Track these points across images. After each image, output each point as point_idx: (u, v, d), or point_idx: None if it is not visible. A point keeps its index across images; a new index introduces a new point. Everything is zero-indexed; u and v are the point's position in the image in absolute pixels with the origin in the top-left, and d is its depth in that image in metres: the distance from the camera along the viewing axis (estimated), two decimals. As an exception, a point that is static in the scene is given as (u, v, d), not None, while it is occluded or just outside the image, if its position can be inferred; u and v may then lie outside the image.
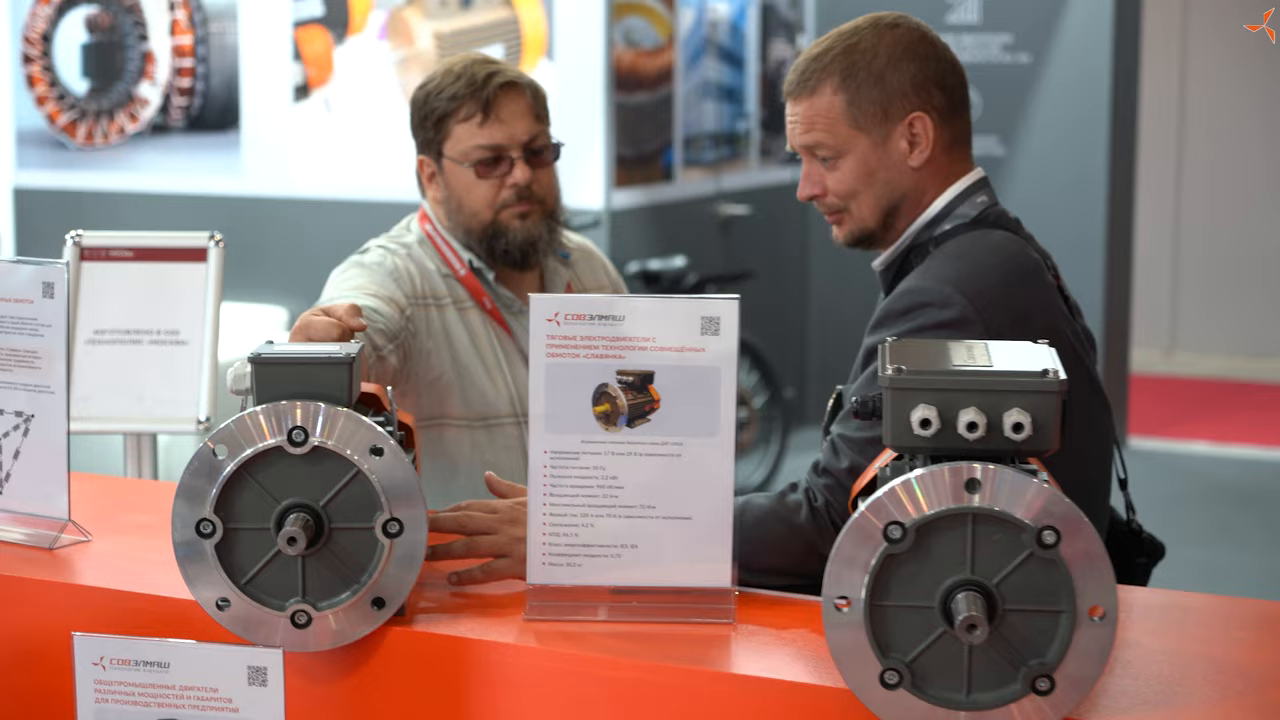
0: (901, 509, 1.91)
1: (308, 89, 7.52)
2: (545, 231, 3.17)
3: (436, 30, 7.33)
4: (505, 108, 3.13)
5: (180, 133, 7.73)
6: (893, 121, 2.59)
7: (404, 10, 7.36)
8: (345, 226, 7.39)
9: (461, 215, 3.15)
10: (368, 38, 7.43)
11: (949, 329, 2.37)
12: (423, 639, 2.20)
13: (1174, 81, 10.97)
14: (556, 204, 3.20)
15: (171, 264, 3.27)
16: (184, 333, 3.25)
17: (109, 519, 2.67)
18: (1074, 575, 1.90)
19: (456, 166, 3.14)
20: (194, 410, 3.22)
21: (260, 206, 7.52)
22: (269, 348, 2.23)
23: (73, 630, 2.31)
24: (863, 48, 2.60)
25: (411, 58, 7.37)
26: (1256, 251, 10.93)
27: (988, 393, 1.96)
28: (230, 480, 2.15)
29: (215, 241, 3.28)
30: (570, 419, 2.22)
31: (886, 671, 1.92)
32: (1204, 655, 2.13)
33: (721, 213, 8.24)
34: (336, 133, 7.49)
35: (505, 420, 3.12)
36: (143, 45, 7.73)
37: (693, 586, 2.25)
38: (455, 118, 3.13)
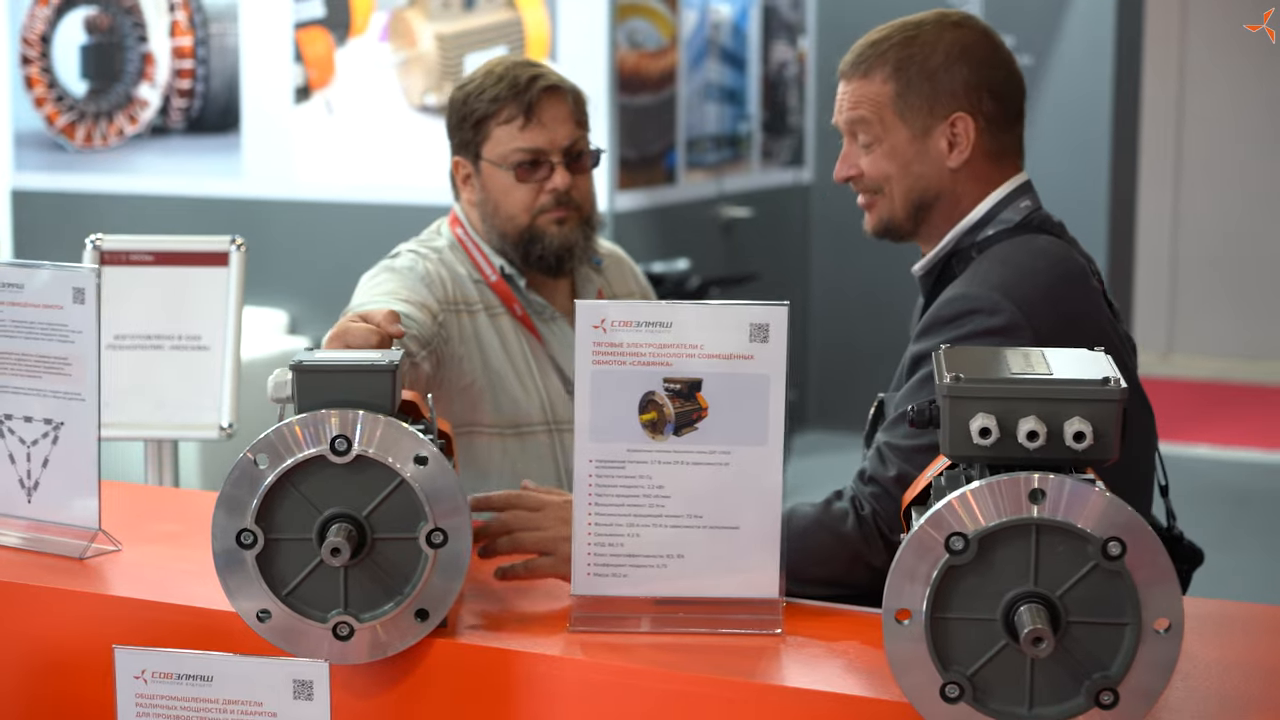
0: (963, 520, 1.88)
1: (309, 91, 7.47)
2: (581, 238, 3.14)
3: (439, 32, 7.28)
4: (547, 111, 3.09)
5: (180, 134, 7.68)
6: (937, 119, 2.57)
7: (406, 12, 7.31)
8: (347, 229, 7.36)
9: (498, 219, 3.12)
10: (369, 39, 7.38)
11: (998, 336, 2.34)
12: (467, 651, 2.16)
13: (1172, 83, 10.96)
14: (593, 210, 3.17)
15: (192, 268, 3.24)
16: (205, 338, 3.21)
17: (136, 527, 2.63)
18: (1139, 587, 1.86)
19: (495, 169, 3.11)
20: (216, 416, 3.19)
21: (261, 209, 7.47)
22: (310, 355, 2.19)
23: (106, 642, 2.27)
24: (921, 41, 2.58)
25: (413, 59, 7.33)
26: (1254, 254, 10.92)
27: (1048, 401, 1.93)
28: (271, 490, 2.12)
29: (237, 246, 3.24)
30: (616, 427, 2.19)
31: (948, 685, 1.89)
32: (1261, 666, 2.10)
33: (723, 215, 8.21)
34: (338, 135, 7.44)
35: (537, 428, 3.08)
36: (142, 46, 7.68)
37: (740, 597, 2.22)
38: (496, 120, 3.09)
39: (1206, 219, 10.96)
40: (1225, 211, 10.94)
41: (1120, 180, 8.38)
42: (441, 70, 7.29)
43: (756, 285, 7.90)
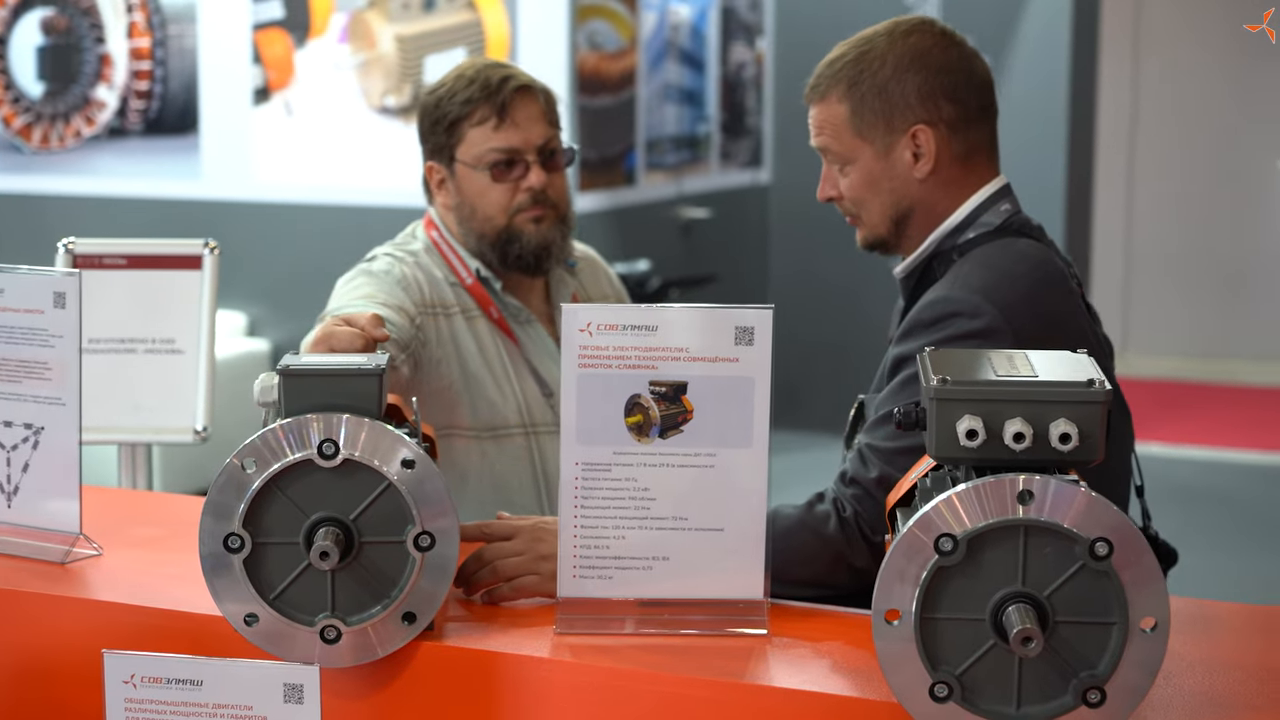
0: (952, 521, 1.89)
1: (268, 92, 7.45)
2: (558, 237, 3.15)
3: (398, 33, 7.28)
4: (520, 111, 3.11)
5: (138, 136, 7.66)
6: (896, 133, 2.58)
7: (365, 13, 7.31)
8: (306, 231, 7.34)
9: (474, 221, 3.13)
10: (329, 41, 7.37)
11: (979, 338, 2.36)
12: (455, 653, 2.17)
13: (1126, 84, 11.03)
14: (569, 209, 3.19)
15: (166, 271, 3.23)
16: (179, 341, 3.21)
17: (116, 532, 2.63)
18: (1126, 587, 1.89)
19: (470, 171, 3.11)
20: (191, 420, 3.18)
21: (220, 210, 7.45)
22: (296, 359, 2.20)
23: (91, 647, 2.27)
24: (871, 56, 2.59)
25: (373, 61, 7.32)
26: (1207, 253, 11.00)
27: (1034, 403, 1.95)
28: (258, 494, 2.12)
29: (210, 249, 3.24)
30: (602, 430, 2.20)
31: (936, 684, 1.91)
32: (1243, 665, 2.13)
33: (683, 216, 8.23)
34: (297, 136, 7.43)
35: (514, 431, 3.09)
36: (99, 48, 7.65)
37: (725, 599, 2.23)
38: (469, 121, 3.11)
39: (1159, 218, 11.03)
40: (1177, 211, 11.01)
41: (1076, 179, 8.43)
42: (401, 72, 7.29)
43: (716, 286, 7.92)
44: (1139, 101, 11.07)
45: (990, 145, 2.62)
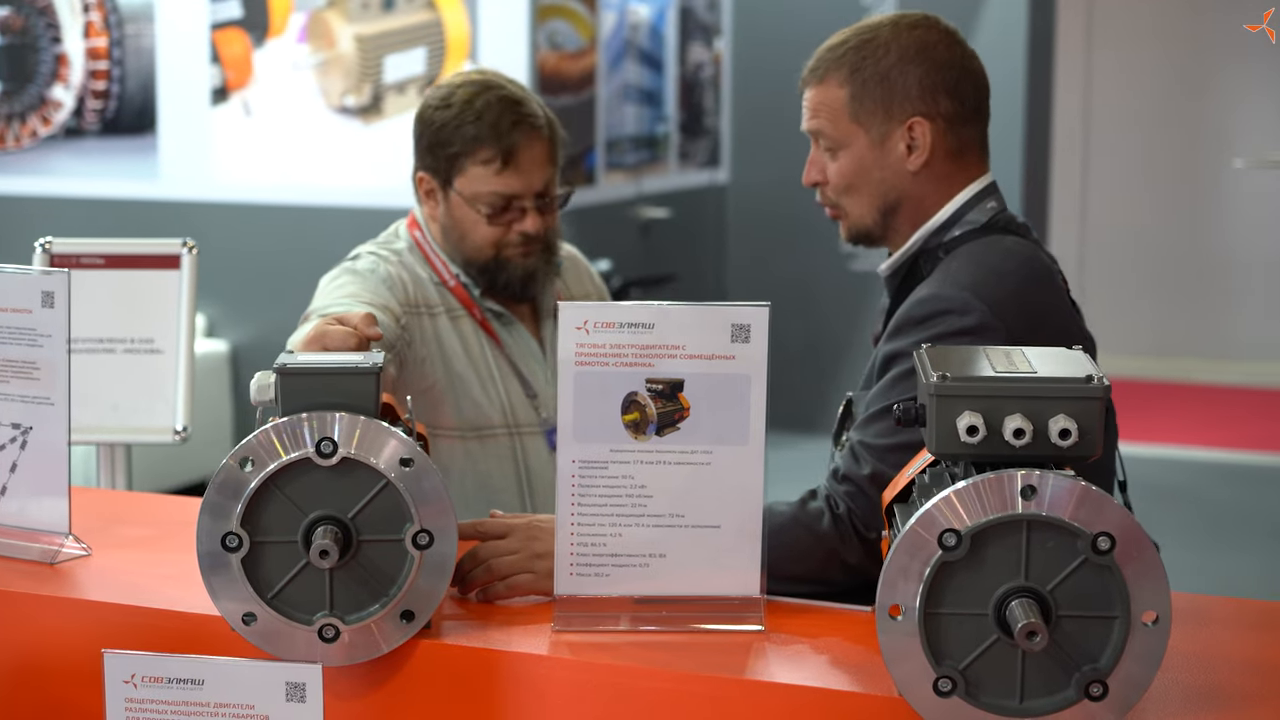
0: (956, 516, 1.90)
1: (226, 92, 7.42)
2: (543, 264, 3.14)
3: (358, 33, 7.26)
4: (525, 155, 3.08)
5: (95, 136, 7.61)
6: (894, 123, 2.59)
7: (324, 12, 7.29)
8: (265, 231, 7.32)
9: (463, 245, 3.11)
10: (287, 40, 7.35)
11: (969, 335, 2.38)
12: (453, 651, 2.17)
13: (1079, 84, 11.09)
14: (556, 240, 3.18)
15: (144, 271, 3.22)
16: (159, 341, 3.19)
17: (103, 532, 2.62)
18: (1128, 581, 1.90)
19: (465, 203, 3.09)
20: (171, 420, 3.17)
21: (178, 210, 7.41)
22: (293, 358, 2.19)
23: (84, 647, 2.27)
24: (876, 44, 2.60)
25: (332, 60, 7.30)
26: (1164, 253, 11.06)
27: (1033, 399, 1.96)
28: (256, 493, 2.12)
29: (189, 248, 3.23)
30: (599, 428, 2.20)
31: (940, 679, 1.92)
32: (1232, 658, 2.15)
33: (642, 216, 8.24)
34: (256, 136, 7.40)
35: (498, 430, 3.09)
36: (56, 47, 7.61)
37: (722, 595, 2.24)
38: (472, 158, 3.07)
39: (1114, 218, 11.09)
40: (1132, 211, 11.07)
41: (1032, 179, 8.48)
42: (361, 71, 7.27)
43: (676, 286, 7.93)
44: (1094, 101, 11.13)
45: (982, 146, 2.64)
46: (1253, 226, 10.89)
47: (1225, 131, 10.82)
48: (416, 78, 7.22)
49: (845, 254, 8.80)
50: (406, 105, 7.24)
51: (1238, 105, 10.85)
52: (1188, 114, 10.96)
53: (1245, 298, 11.01)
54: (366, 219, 7.24)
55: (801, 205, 9.09)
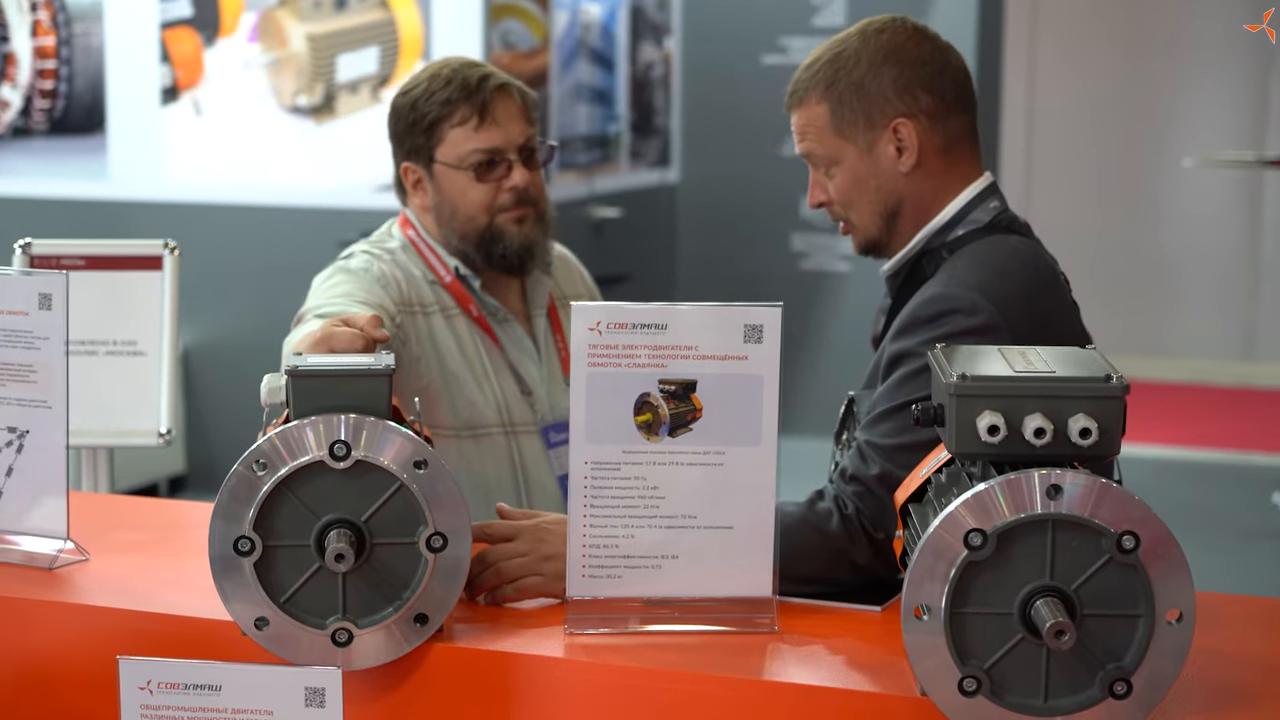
0: (981, 516, 1.91)
1: (176, 91, 7.37)
2: (540, 236, 3.14)
3: (310, 32, 7.22)
4: (501, 110, 3.10)
5: (43, 136, 7.54)
6: (877, 129, 2.59)
7: (276, 12, 7.24)
8: (217, 231, 7.26)
9: (456, 221, 3.10)
10: (238, 39, 7.30)
11: (977, 335, 2.38)
12: (467, 654, 2.16)
13: (1025, 83, 11.14)
14: (547, 207, 3.18)
15: (126, 272, 3.19)
16: (141, 343, 3.17)
17: (99, 536, 2.59)
18: (1152, 579, 1.91)
19: (451, 171, 3.09)
20: (155, 422, 3.14)
21: (128, 211, 7.35)
22: (304, 360, 2.18)
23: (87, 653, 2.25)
24: (845, 56, 2.60)
25: (284, 60, 7.26)
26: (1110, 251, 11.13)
27: (1054, 398, 1.97)
28: (269, 496, 2.10)
29: (170, 249, 3.20)
30: (611, 429, 2.19)
31: (965, 679, 1.92)
32: (1249, 655, 2.16)
33: (594, 215, 8.22)
34: (207, 136, 7.35)
35: (494, 430, 3.07)
36: (3, 46, 7.53)
37: (734, 596, 2.23)
38: (449, 121, 3.08)
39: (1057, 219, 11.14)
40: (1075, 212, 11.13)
41: (981, 179, 8.49)
42: (313, 71, 7.23)
43: (628, 286, 7.93)
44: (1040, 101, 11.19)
45: (971, 137, 2.64)
46: (1201, 225, 10.97)
47: (1174, 130, 10.89)
48: (369, 77, 7.19)
49: (795, 253, 8.81)
50: (359, 105, 7.21)
51: (1187, 104, 10.93)
52: (1136, 113, 11.03)
53: (1194, 296, 11.10)
54: (319, 219, 7.22)
55: (751, 204, 9.16)
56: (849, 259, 8.78)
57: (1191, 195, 10.96)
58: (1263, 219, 10.94)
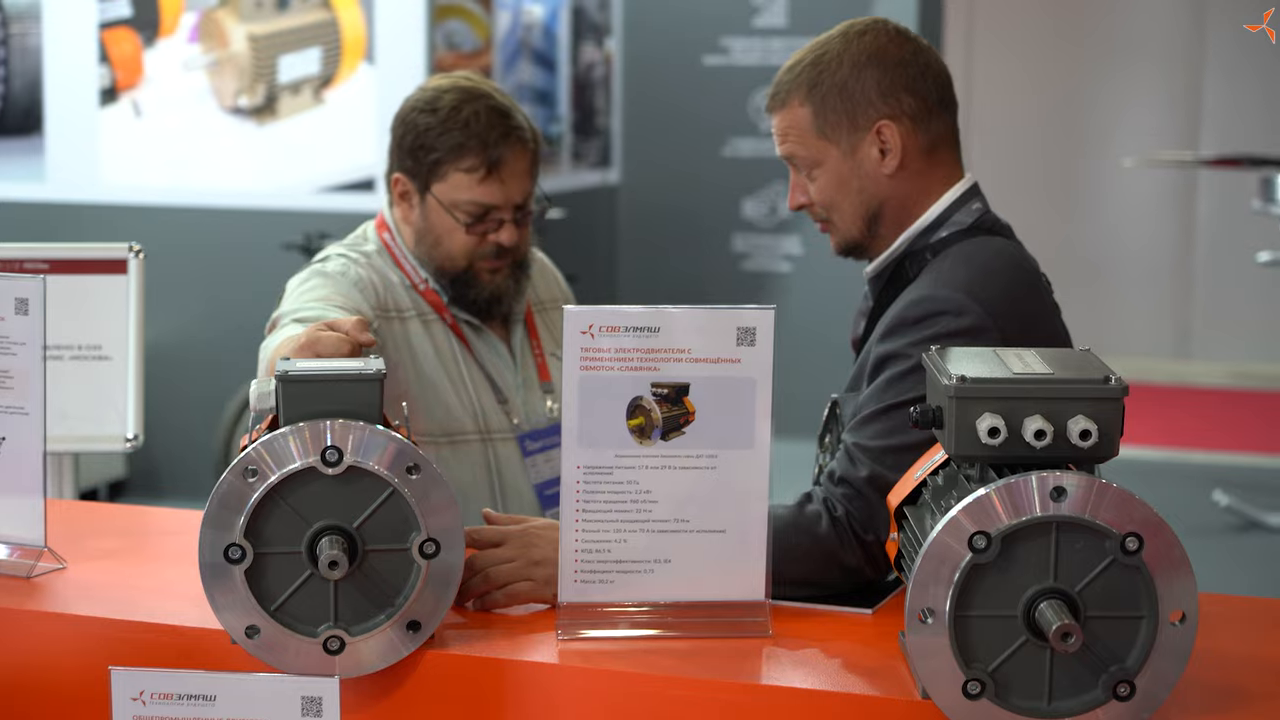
0: (985, 519, 1.90)
1: (115, 92, 7.30)
2: (512, 284, 3.11)
3: (251, 32, 7.17)
4: (508, 167, 3.04)
5: (-21, 137, 7.47)
6: (861, 131, 2.59)
7: (216, 12, 7.19)
8: (157, 233, 7.19)
9: (435, 251, 3.06)
10: (178, 40, 7.24)
11: (965, 336, 2.37)
12: (460, 661, 2.14)
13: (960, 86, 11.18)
14: (527, 256, 3.15)
15: (90, 276, 3.14)
16: (106, 347, 3.12)
17: (73, 544, 2.55)
18: (1156, 580, 1.91)
19: (442, 210, 3.04)
20: (121, 428, 3.10)
21: (66, 213, 7.28)
22: (294, 365, 2.15)
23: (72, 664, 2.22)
24: (828, 58, 2.60)
25: (225, 60, 7.20)
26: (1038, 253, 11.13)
27: (1054, 400, 1.96)
28: (259, 503, 2.07)
29: (135, 253, 3.16)
30: (604, 433, 2.18)
31: (969, 681, 1.92)
32: (1256, 657, 2.16)
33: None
34: (147, 137, 7.29)
35: (470, 436, 3.05)
36: (-62, 47, 7.45)
37: (727, 601, 2.22)
38: (455, 165, 3.02)
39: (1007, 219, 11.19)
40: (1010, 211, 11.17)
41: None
42: (254, 71, 7.18)
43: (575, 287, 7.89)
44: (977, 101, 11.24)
45: (953, 139, 2.64)
46: (1135, 224, 11.05)
47: (1108, 130, 10.96)
48: (311, 78, 7.14)
49: (737, 253, 8.83)
50: (301, 106, 7.17)
51: (1121, 105, 11.00)
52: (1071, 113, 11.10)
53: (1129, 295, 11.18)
54: (261, 220, 7.17)
55: (693, 205, 9.16)
56: (791, 259, 8.80)
57: (1126, 195, 11.04)
58: (1196, 218, 11.04)
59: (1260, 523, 7.19)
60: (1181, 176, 10.90)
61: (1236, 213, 10.07)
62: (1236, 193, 10.00)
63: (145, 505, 2.98)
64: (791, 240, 8.73)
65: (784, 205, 8.73)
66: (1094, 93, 11.06)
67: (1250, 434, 9.30)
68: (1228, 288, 10.91)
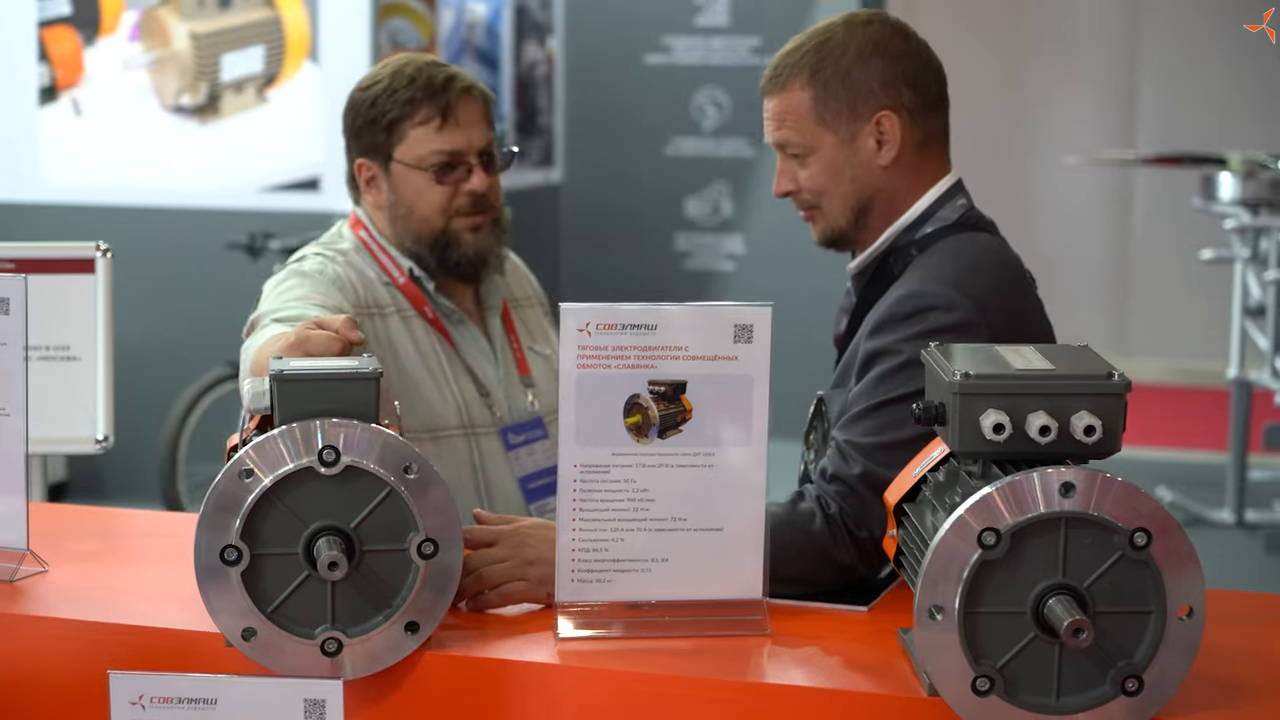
0: (994, 515, 1.90)
1: (55, 91, 7.23)
2: (495, 244, 3.10)
3: (193, 30, 7.11)
4: (464, 112, 3.04)
5: (-84, 137, 7.37)
6: (860, 120, 2.58)
7: (158, 10, 7.12)
8: (97, 233, 7.10)
9: (411, 221, 3.05)
10: (119, 38, 7.17)
11: (954, 332, 2.37)
12: (458, 662, 2.12)
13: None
14: (504, 214, 3.13)
15: (57, 275, 3.09)
16: (75, 348, 3.08)
17: (52, 546, 2.51)
18: (1165, 576, 1.91)
19: (410, 171, 3.03)
20: (91, 429, 3.06)
21: (6, 213, 7.19)
22: (288, 364, 2.12)
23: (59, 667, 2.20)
24: (832, 45, 2.59)
25: (167, 59, 7.14)
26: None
27: (1057, 396, 1.96)
28: (256, 504, 2.05)
29: (103, 251, 3.12)
30: (601, 431, 2.16)
31: (978, 678, 1.91)
32: (1251, 652, 2.17)
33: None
34: (87, 136, 7.21)
35: (453, 433, 3.02)
36: (-127, 45, 7.35)
37: (725, 599, 2.21)
38: (411, 121, 3.02)
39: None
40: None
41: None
42: (196, 70, 7.12)
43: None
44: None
45: (944, 135, 2.64)
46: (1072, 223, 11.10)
47: (1046, 129, 11.00)
48: (255, 76, 7.09)
49: (680, 252, 8.82)
50: (244, 105, 7.11)
51: (1057, 104, 11.05)
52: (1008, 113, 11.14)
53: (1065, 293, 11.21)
54: (204, 220, 7.11)
55: (635, 204, 9.15)
56: (733, 258, 8.80)
57: (1063, 194, 11.09)
58: (1132, 217, 11.10)
59: (1204, 519, 7.23)
60: (1121, 175, 10.97)
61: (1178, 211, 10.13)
62: (1176, 191, 10.06)
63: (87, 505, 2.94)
64: (734, 239, 8.73)
65: (726, 205, 8.74)
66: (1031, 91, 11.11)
67: (1192, 431, 9.36)
68: (1168, 285, 10.98)
